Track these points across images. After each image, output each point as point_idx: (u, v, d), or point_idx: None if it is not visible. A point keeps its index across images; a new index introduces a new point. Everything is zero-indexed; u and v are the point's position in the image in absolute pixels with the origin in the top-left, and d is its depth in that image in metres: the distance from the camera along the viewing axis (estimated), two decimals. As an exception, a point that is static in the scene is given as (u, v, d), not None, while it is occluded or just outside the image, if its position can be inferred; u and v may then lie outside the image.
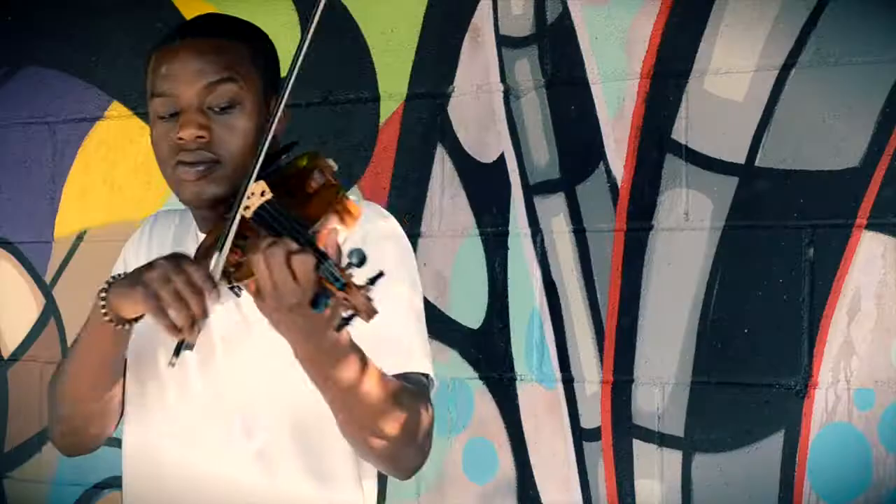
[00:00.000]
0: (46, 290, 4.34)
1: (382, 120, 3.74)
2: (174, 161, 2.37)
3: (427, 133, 3.68)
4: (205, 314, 2.16)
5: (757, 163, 3.25)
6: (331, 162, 2.28)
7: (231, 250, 2.20)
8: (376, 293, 2.06)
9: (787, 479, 3.20)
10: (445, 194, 3.64)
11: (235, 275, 2.18)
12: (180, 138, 2.35)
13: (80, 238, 4.27)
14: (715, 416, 3.29)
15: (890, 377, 3.10)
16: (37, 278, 4.36)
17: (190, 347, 2.19)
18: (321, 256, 2.08)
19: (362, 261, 2.06)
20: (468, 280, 3.60)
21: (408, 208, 3.68)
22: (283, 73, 2.28)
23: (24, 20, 4.35)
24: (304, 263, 2.07)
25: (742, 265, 3.27)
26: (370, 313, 2.04)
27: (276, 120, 2.22)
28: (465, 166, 3.63)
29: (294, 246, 2.09)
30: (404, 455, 2.28)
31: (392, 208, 3.69)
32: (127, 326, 2.28)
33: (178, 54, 2.37)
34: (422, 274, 3.64)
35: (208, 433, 2.34)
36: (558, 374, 3.49)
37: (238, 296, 2.23)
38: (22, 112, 4.37)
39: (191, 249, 2.39)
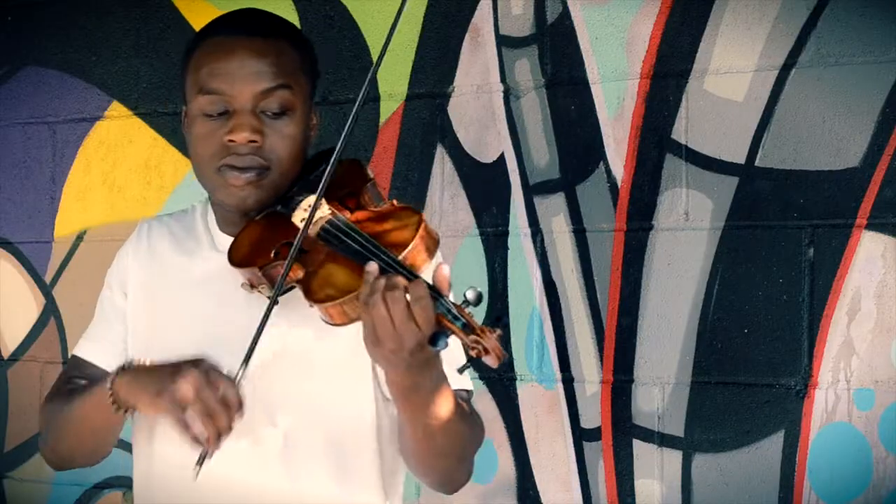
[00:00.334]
0: (46, 290, 4.34)
1: (382, 120, 3.74)
2: (219, 163, 2.30)
3: (427, 133, 3.68)
4: (230, 430, 2.12)
5: (757, 163, 3.25)
6: (370, 173, 2.26)
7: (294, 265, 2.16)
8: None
9: (787, 479, 3.20)
10: (445, 194, 3.64)
11: (316, 297, 2.11)
12: (231, 140, 2.28)
13: (80, 238, 4.27)
14: (715, 416, 3.29)
15: (890, 377, 3.10)
16: (37, 278, 4.36)
17: (210, 456, 2.13)
18: (435, 293, 2.02)
19: (479, 300, 2.01)
20: (468, 280, 3.58)
21: (408, 208, 3.68)
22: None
23: (24, 20, 4.35)
24: (425, 307, 2.00)
25: (742, 265, 3.27)
26: (501, 357, 2.00)
27: (347, 132, 2.17)
28: (465, 166, 3.63)
29: (405, 284, 2.02)
30: (460, 473, 2.27)
31: (392, 208, 3.70)
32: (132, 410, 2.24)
33: (234, 52, 2.30)
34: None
35: (243, 436, 2.26)
36: (558, 374, 3.49)
37: (275, 303, 2.18)
38: (22, 112, 4.36)
39: (202, 249, 2.38)
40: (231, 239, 2.32)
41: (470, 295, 2.01)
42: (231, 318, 2.30)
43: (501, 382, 3.55)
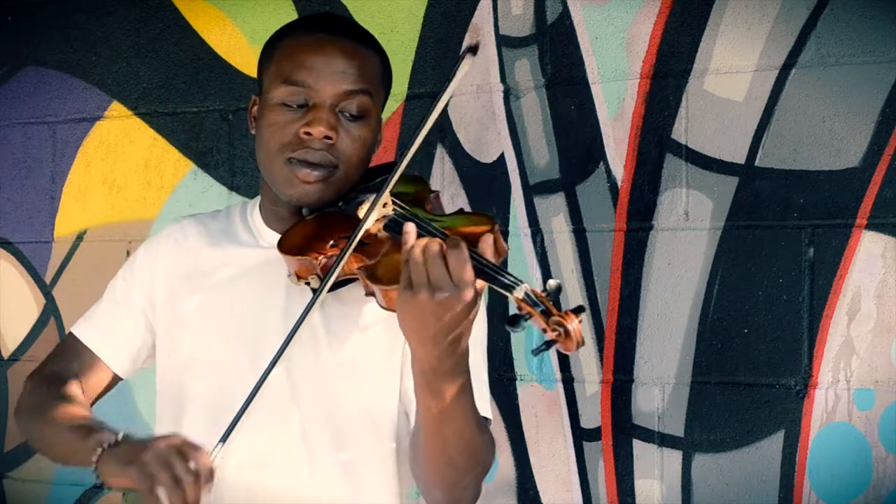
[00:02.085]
0: (46, 290, 4.34)
1: (382, 120, 3.74)
2: (288, 154, 2.33)
3: (427, 133, 3.68)
4: (197, 502, 2.11)
5: (757, 163, 3.25)
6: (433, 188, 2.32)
7: (355, 254, 2.20)
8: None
9: (787, 479, 3.20)
10: (445, 194, 3.64)
11: (377, 279, 2.16)
12: (308, 133, 2.31)
13: (80, 238, 4.26)
14: (715, 416, 3.29)
15: (890, 377, 3.10)
16: (37, 278, 4.36)
17: None
18: (511, 278, 2.06)
19: (559, 291, 2.06)
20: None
21: (408, 208, 3.68)
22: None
23: (24, 20, 4.35)
24: (460, 257, 2.04)
25: (742, 265, 3.27)
26: (579, 342, 2.02)
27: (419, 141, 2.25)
28: (465, 166, 3.63)
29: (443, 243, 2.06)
30: (467, 491, 2.26)
31: (392, 208, 3.70)
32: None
33: (324, 49, 2.33)
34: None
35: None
36: (558, 374, 3.49)
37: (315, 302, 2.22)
38: (22, 112, 4.36)
39: (243, 245, 2.40)
40: (278, 236, 2.35)
41: (551, 284, 2.06)
42: (270, 312, 2.33)
43: (501, 382, 3.55)
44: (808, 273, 3.19)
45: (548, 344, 2.04)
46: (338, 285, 2.25)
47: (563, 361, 3.48)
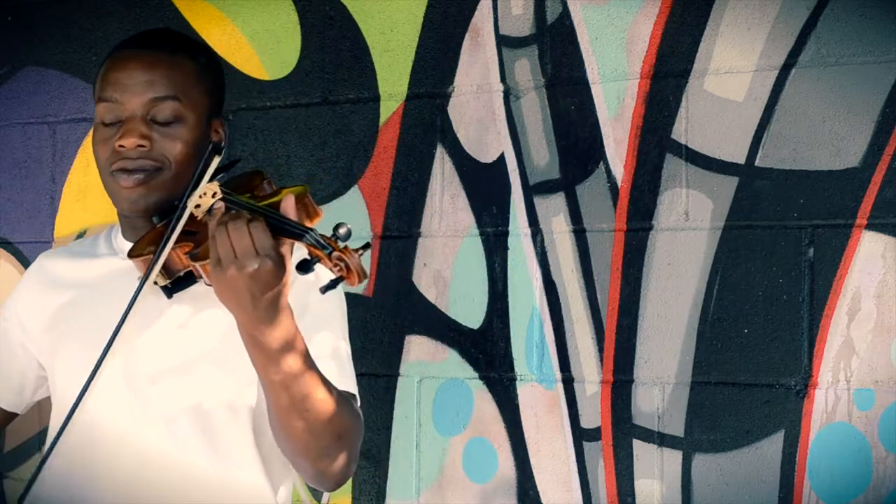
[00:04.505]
0: (46, 290, 4.33)
1: (382, 120, 3.74)
2: (111, 168, 2.42)
3: (427, 133, 3.68)
4: None
5: (757, 163, 3.25)
6: (269, 180, 2.39)
7: (179, 246, 2.28)
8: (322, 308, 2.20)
9: (787, 479, 3.20)
10: (445, 194, 3.64)
11: (197, 257, 2.26)
12: (121, 146, 2.40)
13: (80, 238, 4.26)
14: (715, 416, 3.29)
15: (890, 377, 3.10)
16: (37, 278, 4.35)
17: None
18: (300, 228, 2.18)
19: (348, 235, 2.17)
20: (468, 280, 3.60)
21: (408, 208, 3.68)
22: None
23: (24, 20, 4.35)
24: (259, 228, 2.16)
25: (742, 265, 3.27)
26: (361, 275, 2.13)
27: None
28: (465, 166, 3.63)
29: (249, 215, 2.18)
30: (335, 463, 2.32)
31: (392, 208, 3.69)
32: None
33: (127, 64, 2.44)
34: (422, 274, 3.66)
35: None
36: (558, 374, 3.49)
37: (169, 297, 2.33)
38: (22, 112, 4.37)
39: (101, 256, 2.51)
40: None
41: (341, 231, 2.16)
42: (128, 321, 2.40)
43: (501, 382, 3.56)
44: (808, 273, 3.19)
45: (334, 282, 2.15)
46: (186, 282, 2.34)
47: (564, 361, 3.48)
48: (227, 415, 2.40)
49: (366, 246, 2.15)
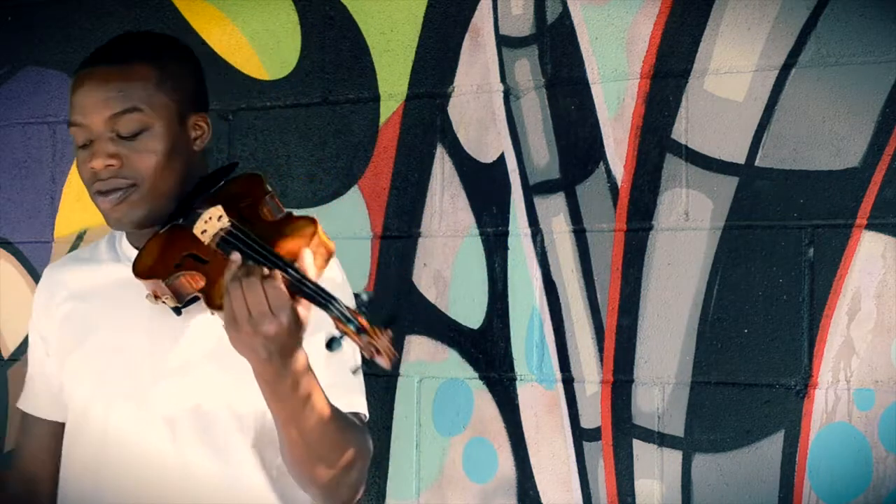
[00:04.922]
0: (46, 290, 4.33)
1: (382, 120, 3.74)
2: (92, 191, 2.42)
3: (427, 133, 3.68)
4: None
5: (757, 163, 3.25)
6: (270, 187, 2.35)
7: (191, 275, 2.26)
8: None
9: (787, 479, 3.20)
10: (445, 194, 3.64)
11: (211, 303, 2.22)
12: (92, 168, 2.39)
13: (80, 238, 4.26)
14: (715, 416, 3.29)
15: (890, 377, 3.10)
16: (37, 278, 4.34)
17: None
18: (326, 296, 2.12)
19: (371, 301, 2.11)
20: (468, 280, 3.60)
21: (408, 208, 3.68)
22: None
23: (24, 20, 4.35)
24: (276, 290, 2.12)
25: (742, 265, 3.27)
26: (392, 357, 2.08)
27: None
28: (465, 166, 3.63)
29: (263, 273, 2.14)
30: (343, 489, 2.32)
31: (392, 208, 3.69)
32: None
33: (84, 84, 2.42)
34: (422, 274, 3.66)
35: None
36: (558, 374, 3.49)
37: (178, 315, 2.32)
38: (22, 112, 4.36)
39: (107, 263, 2.51)
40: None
41: (363, 297, 2.12)
42: (133, 326, 2.42)
43: (501, 382, 3.55)
44: (808, 273, 3.19)
45: (364, 361, 2.13)
46: (195, 299, 2.32)
47: (564, 361, 3.48)
48: (227, 415, 2.40)
49: (392, 319, 2.12)
